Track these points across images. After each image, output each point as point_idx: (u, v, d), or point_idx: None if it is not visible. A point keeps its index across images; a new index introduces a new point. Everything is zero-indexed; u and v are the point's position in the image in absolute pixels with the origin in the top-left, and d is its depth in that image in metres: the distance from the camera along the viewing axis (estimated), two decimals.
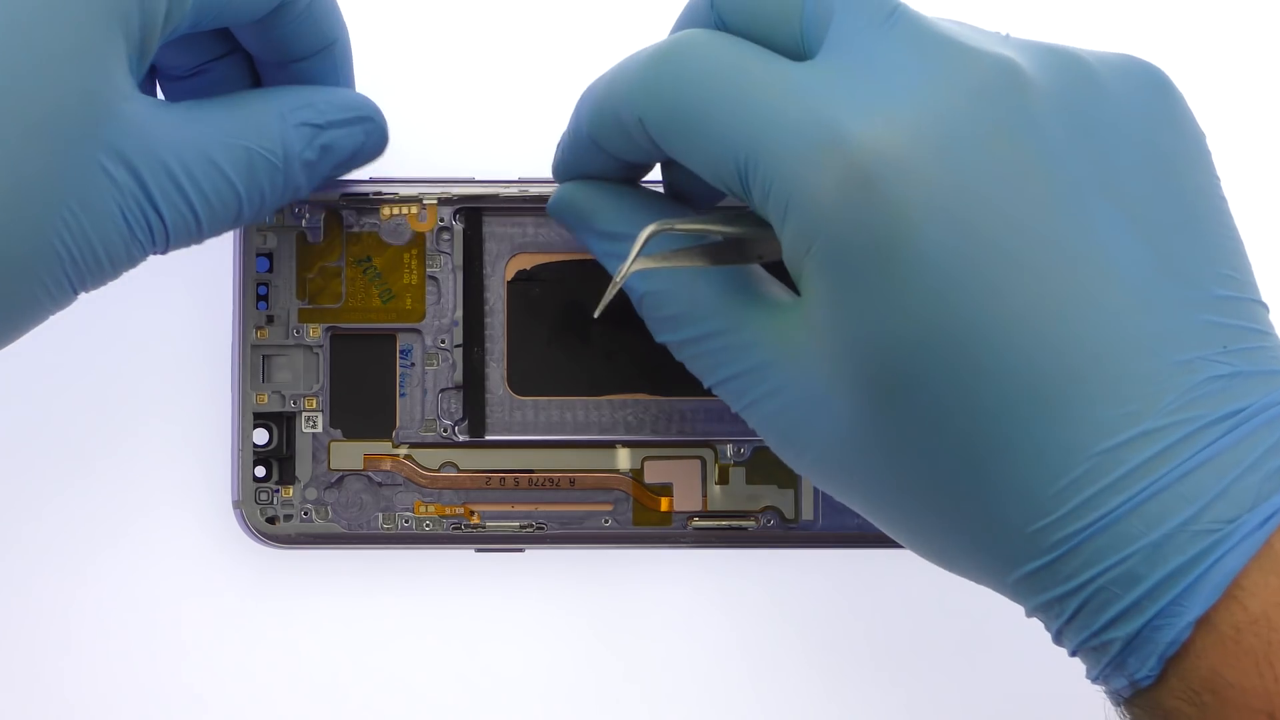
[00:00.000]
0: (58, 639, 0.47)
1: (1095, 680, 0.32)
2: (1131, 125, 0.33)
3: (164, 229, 0.35)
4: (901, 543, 0.34)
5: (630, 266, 0.35)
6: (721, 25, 0.35)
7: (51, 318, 0.35)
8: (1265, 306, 0.33)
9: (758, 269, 0.36)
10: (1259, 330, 0.32)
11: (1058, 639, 0.32)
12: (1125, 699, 0.32)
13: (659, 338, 0.37)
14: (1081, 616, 0.31)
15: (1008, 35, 0.34)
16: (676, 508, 0.42)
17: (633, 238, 0.35)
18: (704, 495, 0.42)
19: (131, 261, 0.35)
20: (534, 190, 0.41)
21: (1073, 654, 0.32)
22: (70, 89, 0.33)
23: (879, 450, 0.33)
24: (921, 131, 0.31)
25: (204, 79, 0.39)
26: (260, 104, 0.38)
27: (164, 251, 0.36)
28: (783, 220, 0.33)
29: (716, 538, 0.42)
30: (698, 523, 0.42)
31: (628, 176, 0.38)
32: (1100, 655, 0.32)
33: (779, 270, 0.35)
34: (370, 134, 0.39)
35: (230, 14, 0.36)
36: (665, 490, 0.42)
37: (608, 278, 0.37)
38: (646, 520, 0.42)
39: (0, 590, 0.47)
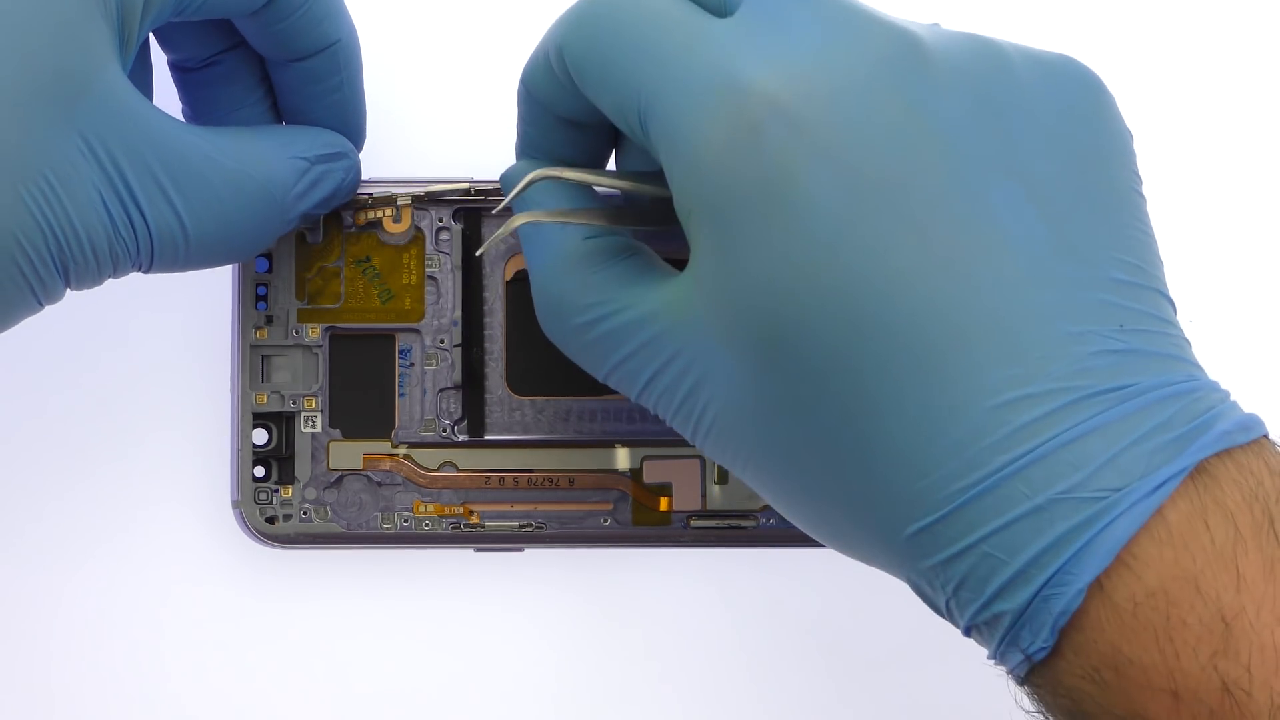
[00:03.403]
0: (57, 639, 0.47)
1: (994, 659, 0.32)
2: (1045, 115, 0.33)
3: (147, 230, 0.35)
4: (795, 522, 0.34)
5: (517, 216, 0.35)
6: None
7: (52, 319, 0.35)
8: (1171, 303, 0.33)
9: (646, 253, 0.36)
10: (1160, 318, 0.32)
11: (949, 615, 0.32)
12: (1025, 677, 0.31)
13: (550, 333, 0.37)
14: (970, 584, 0.31)
15: (936, 25, 0.34)
16: (675, 507, 0.42)
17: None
18: (703, 495, 0.42)
19: (116, 262, 0.35)
20: None
21: (966, 632, 0.32)
22: (43, 62, 0.33)
23: (768, 410, 0.32)
24: (819, 86, 0.32)
25: (216, 70, 0.39)
26: (258, 136, 0.38)
27: (148, 266, 0.36)
28: (673, 163, 0.33)
29: (715, 537, 0.42)
30: (697, 522, 0.42)
31: (571, 154, 0.38)
32: (993, 630, 0.31)
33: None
34: (348, 171, 0.40)
35: (217, 5, 0.37)
36: (664, 490, 0.42)
37: None
38: (646, 520, 0.42)
39: None
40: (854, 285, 0.31)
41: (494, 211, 0.35)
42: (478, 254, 0.36)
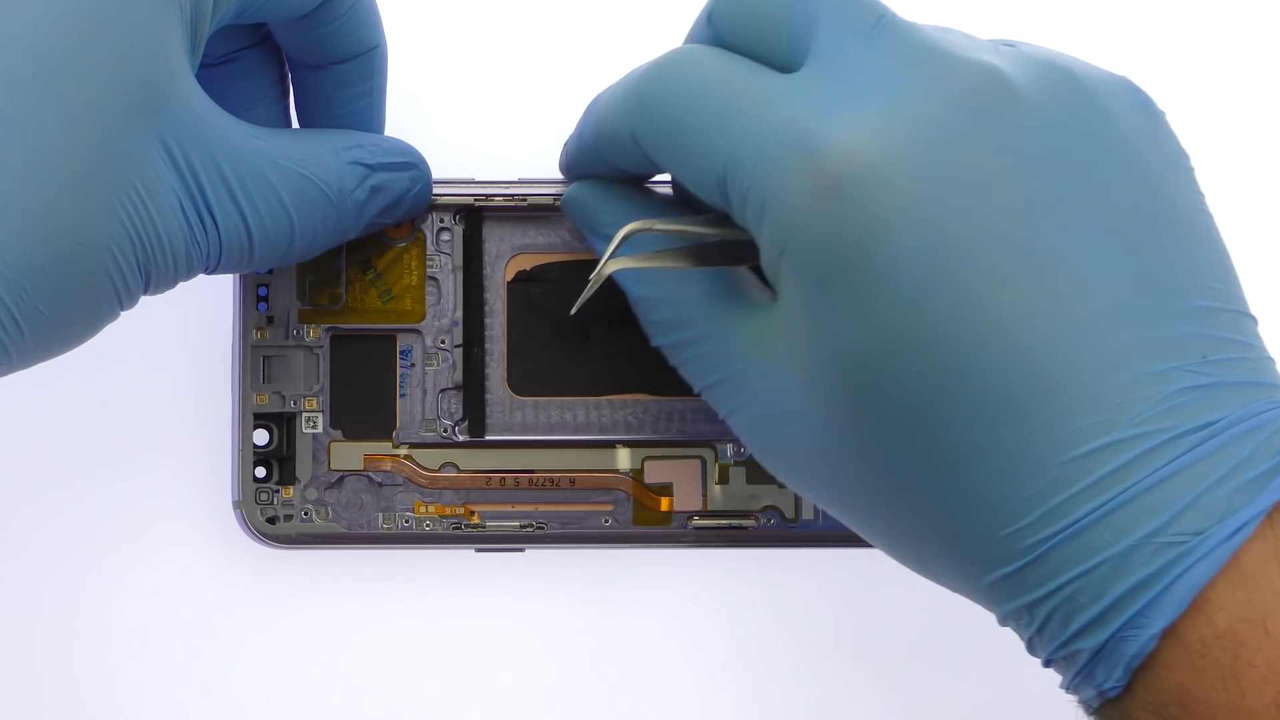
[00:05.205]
0: (56, 638, 0.47)
1: (1066, 689, 0.32)
2: (1118, 141, 0.33)
3: (217, 233, 0.35)
4: (879, 548, 0.34)
5: (606, 265, 0.35)
6: (718, 41, 0.35)
7: None
8: (1253, 319, 0.33)
9: (743, 271, 0.36)
10: (1242, 341, 0.32)
11: (1030, 648, 0.32)
12: (1095, 709, 0.32)
13: (653, 341, 0.37)
14: (1051, 626, 0.31)
15: (1000, 44, 0.34)
16: (676, 507, 0.42)
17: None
18: (704, 495, 0.42)
19: (190, 267, 0.35)
20: (534, 191, 0.41)
21: (1045, 664, 0.32)
22: (131, 71, 0.33)
23: (852, 457, 0.33)
24: (896, 139, 0.31)
25: (234, 67, 0.39)
26: (315, 138, 0.38)
27: (215, 267, 0.36)
28: (759, 226, 0.33)
29: (716, 537, 0.42)
30: (698, 522, 0.42)
31: (635, 178, 0.38)
32: (1070, 665, 0.32)
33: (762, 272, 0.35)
34: (415, 181, 0.40)
35: (275, 7, 0.36)
36: (665, 490, 0.42)
37: None
38: (646, 520, 0.42)
39: (0, 590, 0.47)
40: (938, 342, 0.31)
41: (594, 274, 0.35)
42: (572, 312, 0.37)
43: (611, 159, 0.37)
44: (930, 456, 0.32)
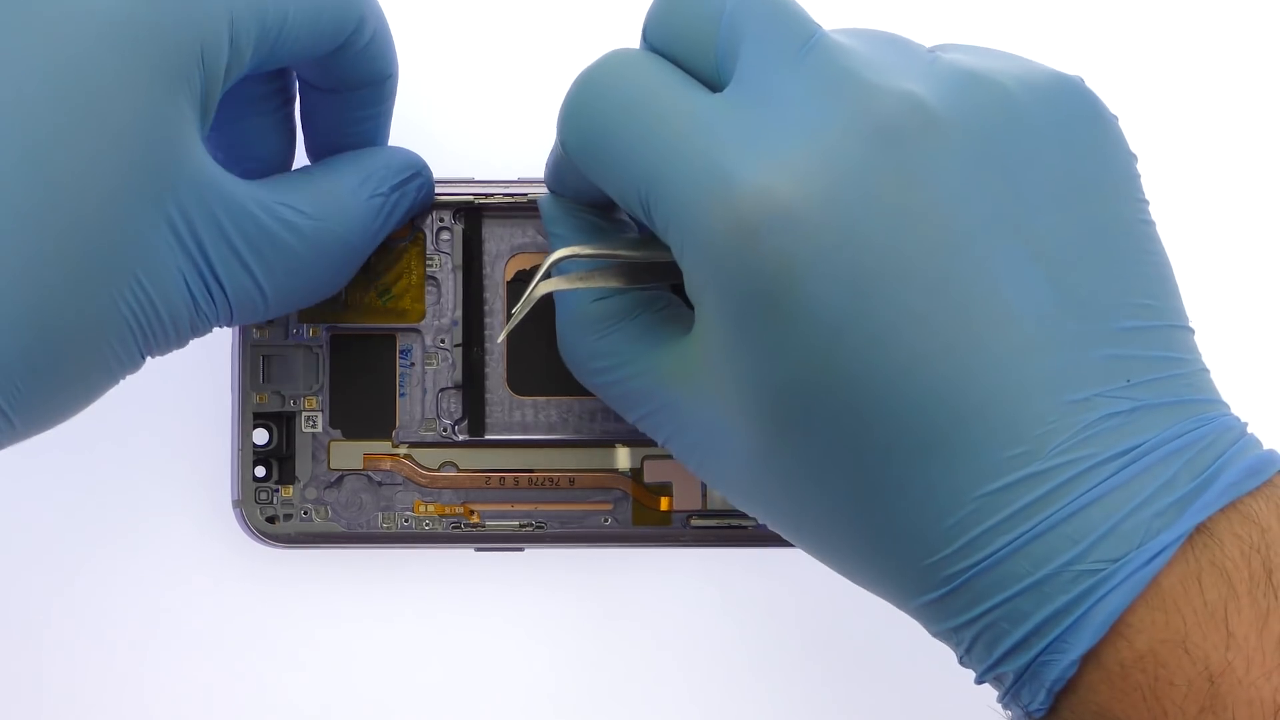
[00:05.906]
0: (57, 638, 0.47)
1: (1001, 704, 0.33)
2: (1049, 155, 0.32)
3: (225, 300, 0.35)
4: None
5: (537, 288, 0.36)
6: (651, 49, 0.35)
7: None
8: (1188, 330, 0.33)
9: (656, 307, 0.37)
10: (1172, 358, 0.32)
11: (963, 665, 0.33)
12: None
13: (582, 382, 0.38)
14: (977, 649, 0.32)
15: (935, 56, 0.33)
16: (676, 507, 0.42)
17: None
18: (703, 494, 0.42)
19: (196, 330, 0.35)
20: (534, 190, 0.42)
21: (978, 682, 0.32)
22: (142, 162, 0.33)
23: (778, 484, 0.33)
24: (812, 178, 0.31)
25: (241, 81, 0.39)
26: (330, 179, 0.38)
27: (229, 324, 0.36)
28: (681, 257, 0.33)
29: (716, 536, 0.42)
30: (697, 521, 0.42)
31: (593, 200, 0.38)
32: (999, 685, 0.32)
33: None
34: (422, 189, 0.40)
35: (290, 56, 0.36)
36: (665, 489, 0.42)
37: None
38: (646, 519, 0.42)
39: None
40: (856, 379, 0.31)
41: (524, 298, 0.36)
42: (500, 339, 0.37)
43: (559, 174, 0.37)
44: (852, 488, 0.32)
